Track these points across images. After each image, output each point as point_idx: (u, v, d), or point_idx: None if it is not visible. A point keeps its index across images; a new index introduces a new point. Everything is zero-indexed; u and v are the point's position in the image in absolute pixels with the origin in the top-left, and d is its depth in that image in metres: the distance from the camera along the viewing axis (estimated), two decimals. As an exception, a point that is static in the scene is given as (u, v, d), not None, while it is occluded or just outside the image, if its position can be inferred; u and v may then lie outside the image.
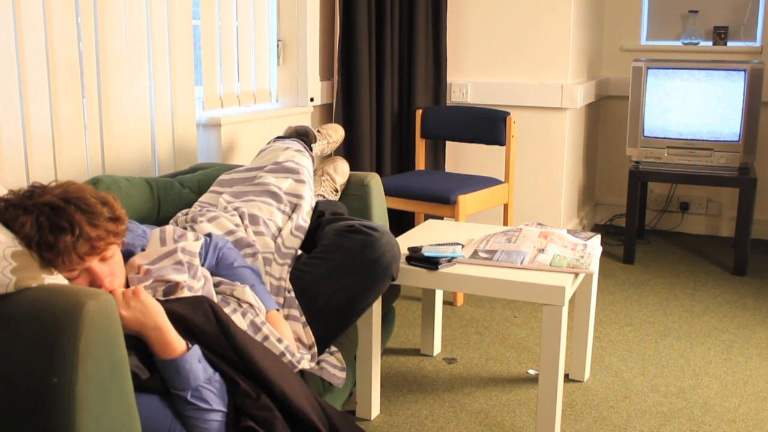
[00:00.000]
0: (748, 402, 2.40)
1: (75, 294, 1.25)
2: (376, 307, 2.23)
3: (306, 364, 1.80)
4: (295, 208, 2.20)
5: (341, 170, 2.49)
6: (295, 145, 2.41)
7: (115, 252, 1.57)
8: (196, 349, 1.51)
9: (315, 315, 1.92)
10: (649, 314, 3.15)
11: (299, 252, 2.18)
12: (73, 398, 1.21)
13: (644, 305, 3.26)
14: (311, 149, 2.51)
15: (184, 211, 2.17)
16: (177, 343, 1.49)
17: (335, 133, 2.74)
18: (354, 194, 2.48)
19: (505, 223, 3.51)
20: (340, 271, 1.94)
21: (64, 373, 1.21)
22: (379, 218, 2.49)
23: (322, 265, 1.97)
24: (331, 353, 2.00)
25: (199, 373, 1.50)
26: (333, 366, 1.97)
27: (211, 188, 2.29)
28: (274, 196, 2.19)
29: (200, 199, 2.26)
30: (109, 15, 2.43)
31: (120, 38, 2.47)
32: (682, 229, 4.50)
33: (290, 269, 2.03)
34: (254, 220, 2.10)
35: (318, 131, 2.68)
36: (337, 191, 2.47)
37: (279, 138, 2.56)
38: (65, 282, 1.45)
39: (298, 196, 2.22)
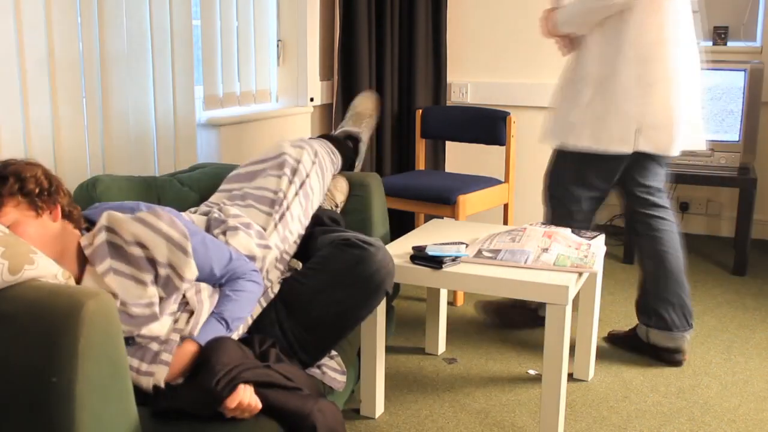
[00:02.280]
0: (748, 402, 2.40)
1: (74, 294, 1.24)
2: (380, 306, 2.22)
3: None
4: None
5: (341, 187, 2.47)
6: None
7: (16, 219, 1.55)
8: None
9: (310, 326, 1.92)
10: (650, 314, 3.15)
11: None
12: (73, 398, 1.21)
13: (645, 305, 3.25)
14: (358, 153, 2.56)
15: (193, 209, 2.14)
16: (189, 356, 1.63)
17: (362, 105, 2.68)
18: (354, 194, 2.48)
19: (505, 223, 3.50)
20: (333, 285, 1.92)
21: (63, 372, 1.20)
22: (380, 218, 2.49)
23: (316, 277, 1.96)
24: (331, 357, 2.00)
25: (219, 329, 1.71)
26: (333, 370, 1.98)
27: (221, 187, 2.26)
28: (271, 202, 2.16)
29: (210, 199, 2.22)
30: (109, 15, 2.42)
31: (120, 38, 2.47)
32: (682, 229, 4.49)
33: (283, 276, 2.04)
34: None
35: (352, 119, 2.67)
36: (337, 206, 2.46)
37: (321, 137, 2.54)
38: (50, 261, 1.45)
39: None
